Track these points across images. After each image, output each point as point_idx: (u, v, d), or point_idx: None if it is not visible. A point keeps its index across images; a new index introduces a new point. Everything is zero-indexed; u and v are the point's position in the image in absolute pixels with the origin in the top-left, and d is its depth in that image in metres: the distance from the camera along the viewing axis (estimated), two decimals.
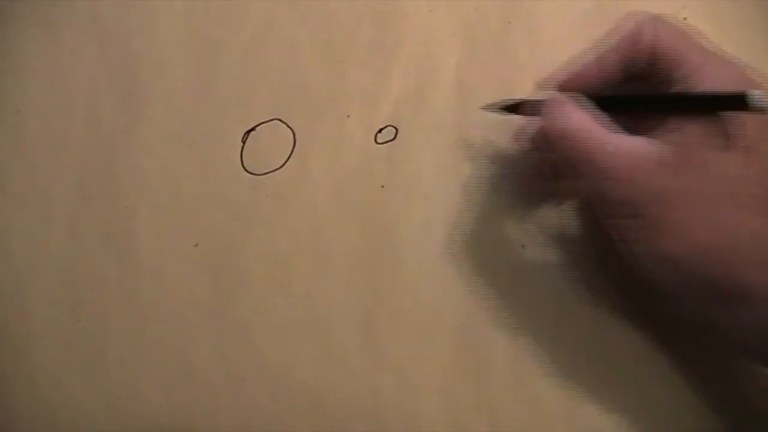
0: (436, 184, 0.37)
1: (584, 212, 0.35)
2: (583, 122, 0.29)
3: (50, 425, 0.36)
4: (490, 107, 0.35)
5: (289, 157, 0.38)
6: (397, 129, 0.38)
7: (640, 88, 0.31)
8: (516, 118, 0.34)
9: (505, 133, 0.36)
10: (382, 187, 0.37)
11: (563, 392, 0.33)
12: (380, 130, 0.38)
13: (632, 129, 0.29)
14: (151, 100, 0.40)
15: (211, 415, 0.35)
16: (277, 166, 0.38)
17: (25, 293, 0.38)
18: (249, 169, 0.39)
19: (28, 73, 0.42)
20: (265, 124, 0.39)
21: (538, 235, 0.35)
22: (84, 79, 0.41)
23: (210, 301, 0.37)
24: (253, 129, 0.39)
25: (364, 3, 0.40)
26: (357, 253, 0.36)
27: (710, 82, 0.27)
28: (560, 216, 0.36)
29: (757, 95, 0.25)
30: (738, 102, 0.26)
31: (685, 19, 0.38)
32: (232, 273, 0.37)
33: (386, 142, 0.38)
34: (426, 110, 0.38)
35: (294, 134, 0.39)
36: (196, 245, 0.38)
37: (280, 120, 0.39)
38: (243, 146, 0.39)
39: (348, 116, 0.38)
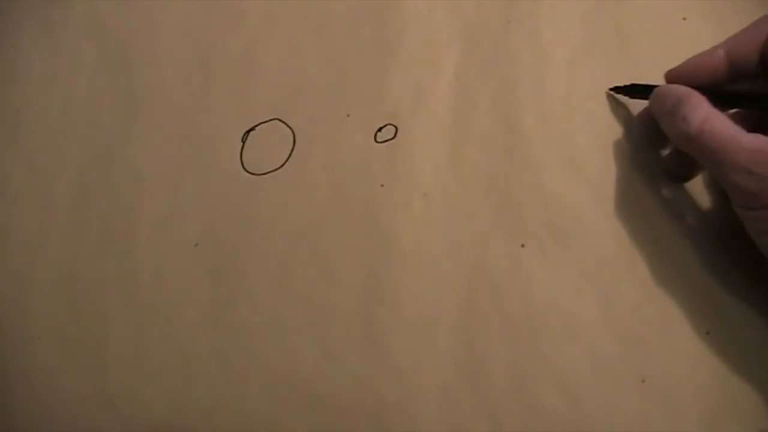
0: (435, 183, 0.37)
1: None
2: (716, 116, 0.30)
3: (49, 424, 0.36)
4: (618, 90, 0.36)
5: (288, 157, 0.38)
6: (396, 128, 0.38)
7: (746, 87, 0.32)
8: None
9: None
10: (382, 185, 0.37)
11: (563, 392, 0.33)
12: (380, 129, 0.38)
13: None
14: (150, 100, 0.40)
15: (211, 415, 0.35)
16: (277, 166, 0.38)
17: (25, 293, 0.38)
18: (249, 169, 0.38)
19: (27, 74, 0.42)
20: (265, 123, 0.39)
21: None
22: (83, 79, 0.41)
23: (210, 300, 0.37)
24: (252, 129, 0.39)
25: (364, 2, 0.40)
26: (356, 252, 0.36)
27: None
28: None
29: None
30: None
31: (684, 19, 0.38)
32: (232, 273, 0.37)
33: (386, 141, 0.38)
34: (425, 109, 0.38)
35: (294, 134, 0.39)
36: (196, 245, 0.38)
37: (280, 120, 0.39)
38: (243, 146, 0.39)
39: (348, 115, 0.38)
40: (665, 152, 0.35)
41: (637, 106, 0.36)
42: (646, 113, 0.35)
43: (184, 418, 0.35)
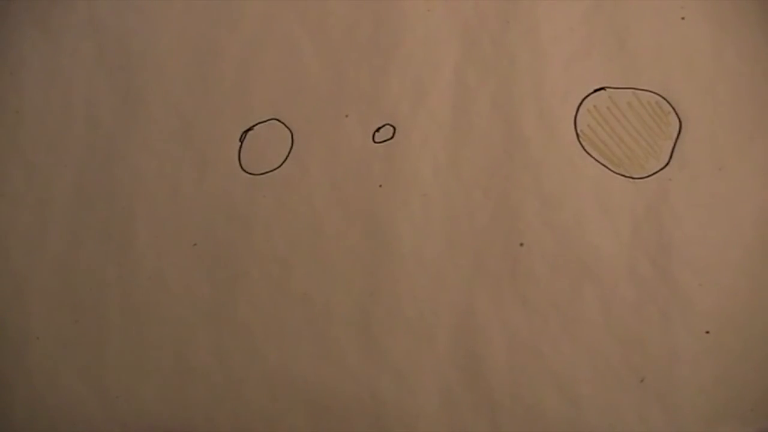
0: (434, 183, 0.37)
1: None
2: None
3: (48, 425, 0.36)
4: None
5: (287, 157, 0.38)
6: (395, 128, 0.38)
7: None
8: None
9: None
10: (380, 186, 0.37)
11: (563, 392, 0.33)
12: (378, 129, 0.38)
13: None
14: (149, 101, 0.40)
15: (210, 415, 0.35)
16: (275, 166, 0.38)
17: (24, 293, 0.38)
18: (247, 169, 0.38)
19: (26, 74, 0.42)
20: (263, 123, 0.39)
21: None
22: (82, 79, 0.41)
23: (208, 300, 0.37)
24: (251, 129, 0.39)
25: (363, 2, 0.40)
26: (355, 253, 0.36)
27: None
28: None
29: None
30: None
31: (683, 19, 0.38)
32: (231, 273, 0.37)
33: (384, 141, 0.38)
34: (424, 109, 0.38)
35: (292, 134, 0.39)
36: (195, 245, 0.38)
37: (278, 120, 0.39)
38: (241, 146, 0.39)
39: (346, 116, 0.38)
40: None
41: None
42: None
43: (183, 418, 0.35)
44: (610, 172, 0.36)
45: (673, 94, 0.36)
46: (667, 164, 0.35)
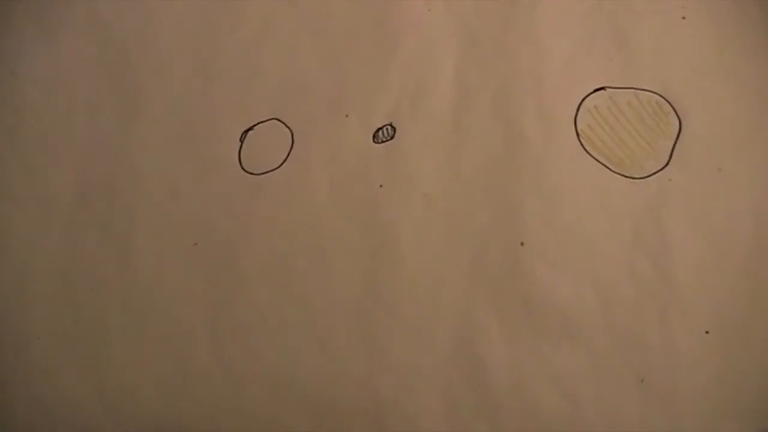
0: (434, 183, 0.37)
1: None
2: None
3: (48, 425, 0.36)
4: None
5: (287, 157, 0.38)
6: (395, 128, 0.38)
7: None
8: None
9: None
10: (381, 186, 0.37)
11: (563, 392, 0.33)
12: (379, 129, 0.38)
13: None
14: (149, 101, 0.40)
15: (210, 415, 0.35)
16: (276, 166, 0.38)
17: (24, 293, 0.38)
18: (247, 169, 0.38)
19: (27, 74, 0.42)
20: (264, 123, 0.39)
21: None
22: (83, 79, 0.41)
23: (209, 300, 0.37)
24: (251, 128, 0.39)
25: (363, 2, 0.40)
26: (356, 253, 0.36)
27: None
28: None
29: None
30: None
31: (683, 18, 0.38)
32: (231, 273, 0.37)
33: (384, 141, 0.38)
34: (424, 109, 0.38)
35: (292, 134, 0.39)
36: (195, 245, 0.38)
37: (279, 119, 0.39)
38: (241, 146, 0.39)
39: (346, 116, 0.38)
40: None
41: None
42: None
43: (183, 418, 0.35)
44: (610, 171, 0.36)
45: (674, 94, 0.36)
46: (667, 164, 0.35)
